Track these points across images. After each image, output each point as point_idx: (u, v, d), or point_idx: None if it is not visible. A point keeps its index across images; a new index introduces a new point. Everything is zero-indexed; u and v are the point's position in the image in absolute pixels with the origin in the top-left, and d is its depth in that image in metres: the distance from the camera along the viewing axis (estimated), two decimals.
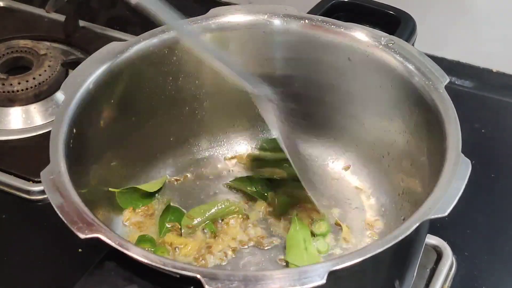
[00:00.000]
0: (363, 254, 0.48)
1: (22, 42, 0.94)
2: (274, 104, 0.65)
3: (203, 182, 0.74)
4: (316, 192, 0.68)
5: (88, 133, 0.63)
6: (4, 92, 0.87)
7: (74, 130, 0.60)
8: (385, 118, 0.69)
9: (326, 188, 0.73)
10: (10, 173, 0.80)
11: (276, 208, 0.70)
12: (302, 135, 0.76)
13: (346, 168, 0.75)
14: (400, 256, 0.56)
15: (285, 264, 0.66)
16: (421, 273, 0.70)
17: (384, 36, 0.68)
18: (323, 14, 0.78)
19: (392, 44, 0.67)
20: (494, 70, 0.98)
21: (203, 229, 0.68)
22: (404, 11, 0.81)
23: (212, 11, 0.71)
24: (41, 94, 0.88)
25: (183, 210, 0.70)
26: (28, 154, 0.83)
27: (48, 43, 0.98)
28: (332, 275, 0.46)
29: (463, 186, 0.53)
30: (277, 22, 0.71)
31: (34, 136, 0.85)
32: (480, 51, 0.98)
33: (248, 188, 0.72)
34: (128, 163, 0.70)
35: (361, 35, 0.68)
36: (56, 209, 0.52)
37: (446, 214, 0.51)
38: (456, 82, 0.97)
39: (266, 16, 0.71)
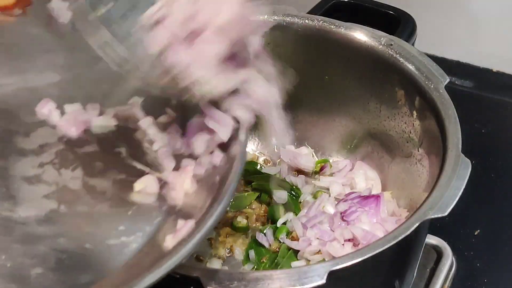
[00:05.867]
0: (363, 254, 0.48)
1: None
2: None
3: None
4: None
5: None
6: None
7: None
8: (385, 118, 0.69)
9: None
10: None
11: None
12: (302, 135, 0.77)
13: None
14: (400, 256, 0.56)
15: None
16: (421, 273, 0.70)
17: (384, 36, 0.68)
18: (323, 14, 0.78)
19: (392, 44, 0.67)
20: (494, 70, 0.98)
21: None
22: (404, 11, 0.81)
23: None
24: None
25: None
26: None
27: None
28: (332, 275, 0.46)
29: (463, 186, 0.53)
30: (277, 22, 0.71)
31: None
32: (480, 51, 0.98)
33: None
34: None
35: (361, 35, 0.68)
36: None
37: (446, 214, 0.51)
38: (456, 82, 0.97)
39: (266, 16, 0.71)
